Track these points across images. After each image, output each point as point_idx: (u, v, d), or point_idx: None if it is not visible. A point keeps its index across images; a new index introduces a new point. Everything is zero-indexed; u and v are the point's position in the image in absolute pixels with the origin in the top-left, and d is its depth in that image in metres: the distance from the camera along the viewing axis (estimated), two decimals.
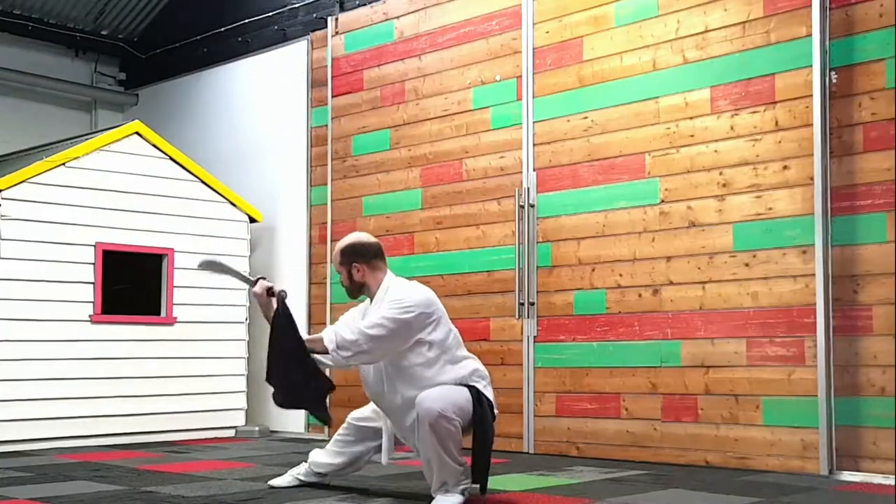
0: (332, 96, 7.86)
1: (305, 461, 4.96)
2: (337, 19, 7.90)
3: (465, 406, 4.23)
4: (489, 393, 4.40)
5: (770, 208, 5.58)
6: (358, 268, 4.47)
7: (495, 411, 4.42)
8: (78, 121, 9.76)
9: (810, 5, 5.47)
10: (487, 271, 6.79)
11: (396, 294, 4.36)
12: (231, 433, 7.76)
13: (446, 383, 4.29)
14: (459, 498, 4.26)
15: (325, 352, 4.33)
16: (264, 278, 4.58)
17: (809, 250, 5.41)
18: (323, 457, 4.88)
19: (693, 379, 5.79)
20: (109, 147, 7.27)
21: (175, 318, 7.49)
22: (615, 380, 6.11)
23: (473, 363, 4.45)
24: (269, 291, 4.49)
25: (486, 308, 6.77)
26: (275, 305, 4.44)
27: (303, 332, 4.58)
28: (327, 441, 5.03)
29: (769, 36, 5.64)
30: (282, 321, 4.39)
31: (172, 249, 7.49)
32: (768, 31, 5.64)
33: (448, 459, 4.18)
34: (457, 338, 4.48)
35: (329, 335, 4.32)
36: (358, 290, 4.54)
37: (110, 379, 7.13)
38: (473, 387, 4.33)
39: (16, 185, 6.72)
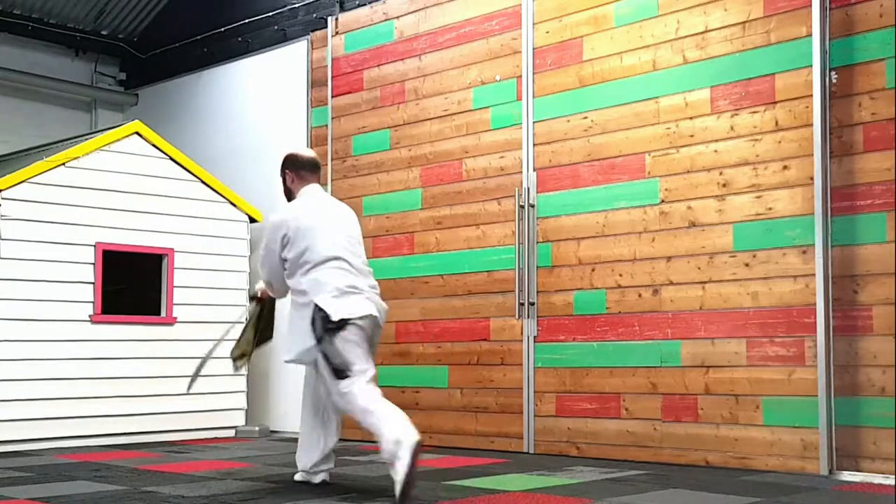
0: (332, 96, 7.86)
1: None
2: (337, 19, 7.90)
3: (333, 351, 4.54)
4: (333, 302, 4.56)
5: (770, 208, 5.58)
6: (288, 174, 4.99)
7: (334, 316, 4.51)
8: (78, 121, 9.76)
9: (810, 5, 5.47)
10: (487, 271, 6.79)
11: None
12: (231, 433, 7.76)
13: (295, 304, 4.71)
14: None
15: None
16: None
17: (809, 250, 5.41)
18: (308, 449, 4.91)
19: (693, 379, 5.79)
20: (109, 147, 7.27)
21: (175, 318, 7.49)
22: (615, 380, 6.11)
23: (315, 273, 4.60)
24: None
25: (486, 308, 6.77)
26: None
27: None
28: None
29: (769, 36, 5.64)
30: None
31: (172, 249, 7.49)
32: (768, 31, 5.64)
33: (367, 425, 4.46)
34: (318, 256, 4.64)
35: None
36: (289, 195, 5.03)
37: (110, 379, 7.13)
38: (314, 305, 4.57)
39: (16, 185, 6.72)
